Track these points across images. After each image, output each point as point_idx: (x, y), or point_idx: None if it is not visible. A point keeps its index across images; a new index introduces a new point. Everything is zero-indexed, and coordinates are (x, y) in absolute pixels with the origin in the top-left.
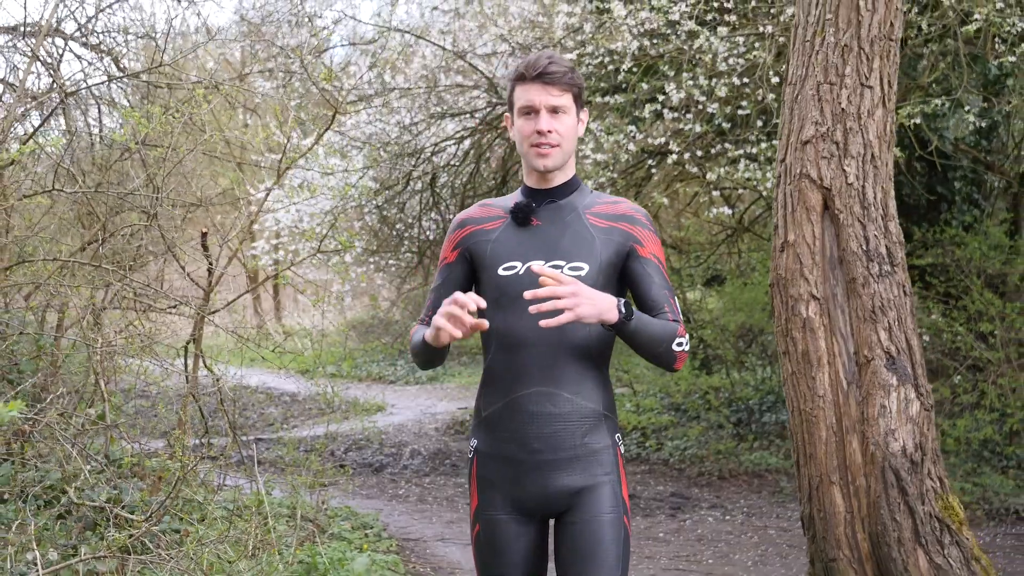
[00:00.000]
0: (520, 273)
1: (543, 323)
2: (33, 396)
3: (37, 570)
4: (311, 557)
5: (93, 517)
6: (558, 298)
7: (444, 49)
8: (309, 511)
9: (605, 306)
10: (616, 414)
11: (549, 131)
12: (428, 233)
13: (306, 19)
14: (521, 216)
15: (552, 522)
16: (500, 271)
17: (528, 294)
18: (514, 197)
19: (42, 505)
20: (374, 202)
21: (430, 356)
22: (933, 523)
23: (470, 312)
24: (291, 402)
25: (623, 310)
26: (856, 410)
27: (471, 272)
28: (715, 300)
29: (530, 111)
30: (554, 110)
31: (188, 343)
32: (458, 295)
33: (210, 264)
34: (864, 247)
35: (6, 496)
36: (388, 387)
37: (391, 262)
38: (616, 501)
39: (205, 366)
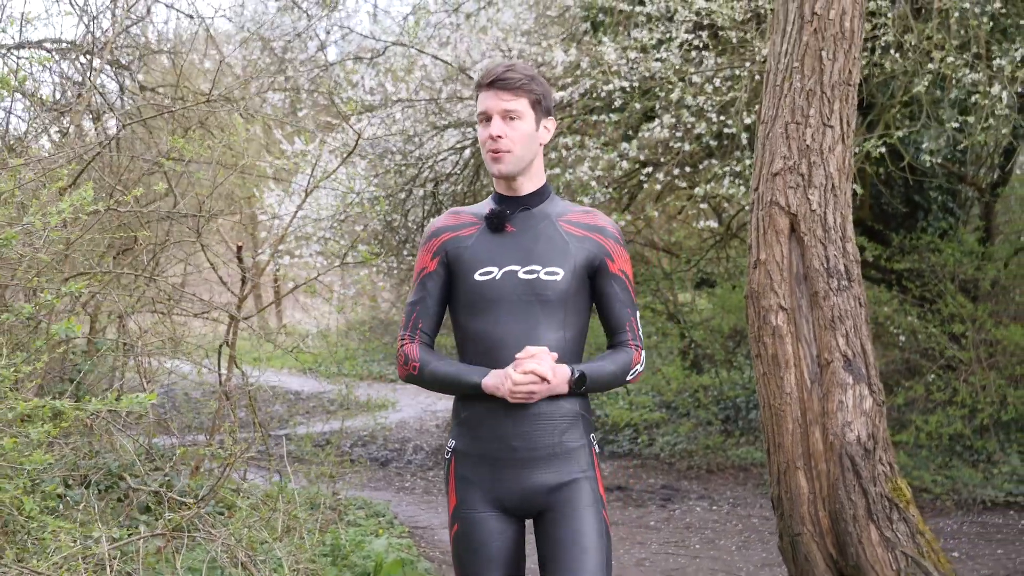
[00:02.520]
0: (497, 278)
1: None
2: (89, 393)
3: (103, 546)
4: (334, 539)
5: (146, 501)
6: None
7: (447, 63)
8: (327, 500)
9: (558, 386)
10: (591, 413)
11: (499, 136)
12: None
13: (315, 37)
14: (496, 222)
15: (531, 523)
16: (476, 276)
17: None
18: (486, 204)
19: (103, 490)
20: (379, 209)
21: (458, 391)
22: (884, 502)
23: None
24: (295, 399)
25: (573, 386)
26: (818, 405)
27: (449, 280)
28: (706, 301)
29: (485, 117)
30: (508, 116)
31: (222, 345)
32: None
33: (244, 275)
34: (825, 265)
35: (70, 482)
36: (388, 385)
37: (392, 264)
38: (595, 496)
39: (237, 367)
